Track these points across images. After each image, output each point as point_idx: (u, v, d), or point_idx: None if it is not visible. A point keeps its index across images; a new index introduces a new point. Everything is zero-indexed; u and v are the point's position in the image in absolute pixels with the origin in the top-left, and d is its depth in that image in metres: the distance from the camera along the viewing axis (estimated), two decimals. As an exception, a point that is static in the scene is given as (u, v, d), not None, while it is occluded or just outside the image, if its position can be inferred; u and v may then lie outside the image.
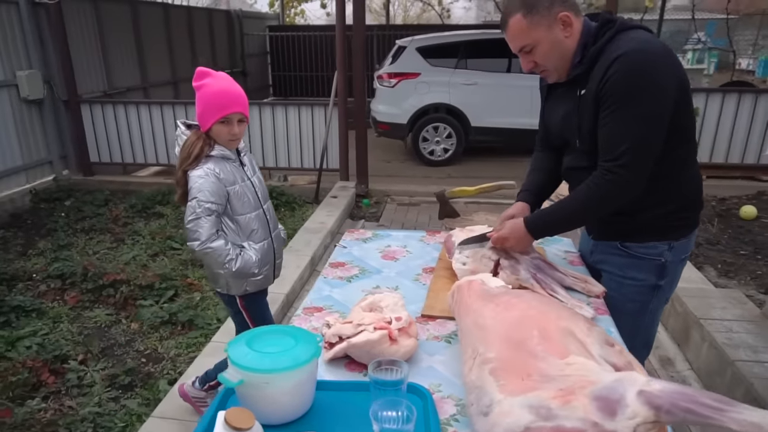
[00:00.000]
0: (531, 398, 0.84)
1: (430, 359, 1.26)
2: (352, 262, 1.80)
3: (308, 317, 1.45)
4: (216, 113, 1.79)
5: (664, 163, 1.43)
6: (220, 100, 1.79)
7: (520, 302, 1.09)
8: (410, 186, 5.58)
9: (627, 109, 1.35)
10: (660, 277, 1.54)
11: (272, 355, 0.99)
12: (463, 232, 1.72)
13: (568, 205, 1.50)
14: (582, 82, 1.45)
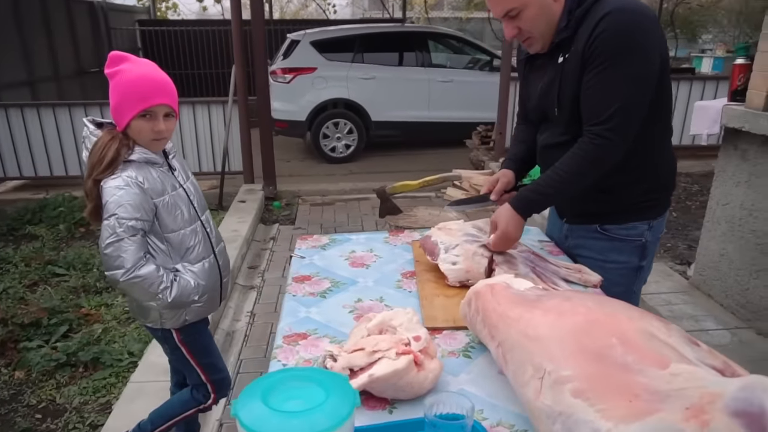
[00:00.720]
0: (655, 424, 0.69)
1: (456, 380, 1.07)
2: (318, 273, 1.56)
3: (293, 347, 1.19)
4: (135, 105, 1.44)
5: (646, 138, 1.40)
6: (140, 89, 1.44)
7: (574, 305, 0.94)
8: (320, 185, 5.33)
9: (616, 68, 1.29)
10: (642, 257, 1.51)
11: (304, 415, 0.75)
12: (442, 232, 1.55)
13: (555, 177, 1.40)
14: (565, 47, 1.38)
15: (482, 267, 1.42)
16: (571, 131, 1.42)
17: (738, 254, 2.36)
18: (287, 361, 1.13)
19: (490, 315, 1.06)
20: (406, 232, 1.87)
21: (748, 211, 2.30)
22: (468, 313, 1.16)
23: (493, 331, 1.03)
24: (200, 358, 1.66)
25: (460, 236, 1.50)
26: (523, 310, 1.00)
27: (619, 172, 1.41)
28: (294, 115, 6.57)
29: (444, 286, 1.44)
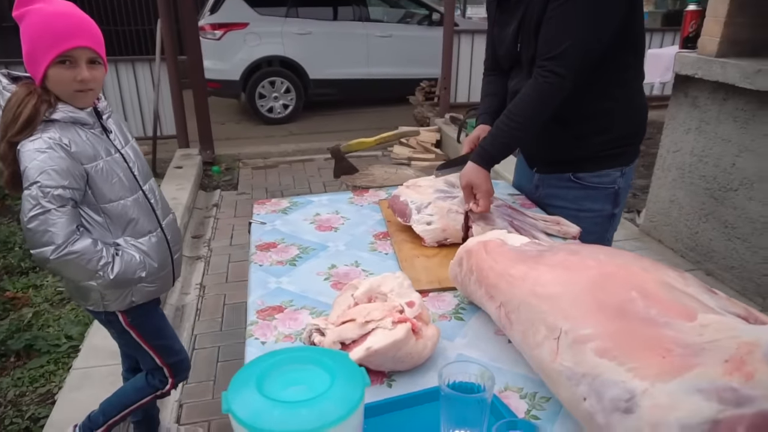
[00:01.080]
0: (696, 380, 0.65)
1: (452, 345, 1.00)
2: (284, 240, 1.43)
3: (269, 323, 1.07)
4: (50, 49, 1.20)
5: (621, 83, 1.37)
6: (55, 30, 1.20)
7: (583, 258, 0.88)
8: (261, 147, 5.08)
9: (576, 3, 1.24)
10: (615, 205, 1.50)
11: (311, 404, 0.64)
12: (411, 190, 1.46)
13: (510, 124, 1.33)
14: None
15: (459, 224, 1.35)
16: None
17: (688, 200, 2.44)
18: (266, 338, 1.02)
19: (487, 274, 0.99)
20: (371, 192, 1.76)
21: (698, 158, 2.37)
22: (459, 273, 1.09)
23: (492, 291, 0.96)
24: (153, 341, 1.51)
25: (431, 194, 1.41)
26: (527, 267, 0.93)
27: (593, 118, 1.37)
28: (226, 75, 6.17)
29: (422, 247, 1.36)
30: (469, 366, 0.76)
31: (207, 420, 1.91)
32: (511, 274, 0.94)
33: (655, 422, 0.65)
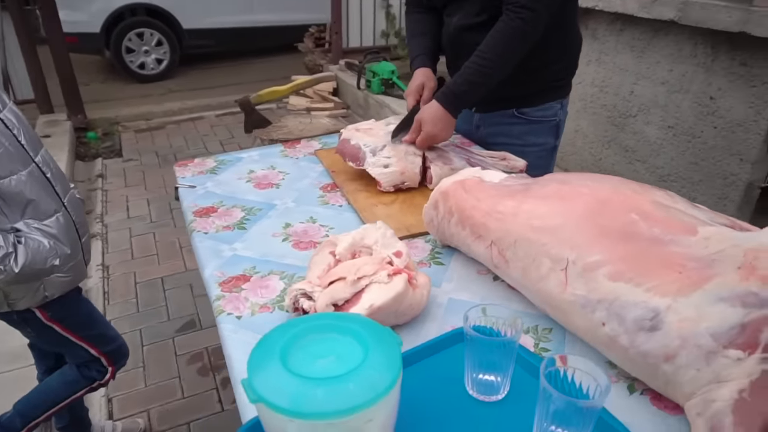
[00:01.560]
0: (717, 290, 0.67)
1: (442, 291, 0.97)
2: (223, 202, 1.29)
3: (238, 294, 0.96)
4: None
5: (563, 15, 1.36)
6: None
7: (575, 187, 0.87)
8: (141, 108, 4.58)
9: None
10: (557, 137, 1.53)
11: (356, 376, 0.57)
12: (362, 133, 1.37)
13: (483, 63, 1.26)
14: None
15: (417, 167, 1.30)
16: (489, 10, 1.30)
17: (591, 128, 2.60)
18: (240, 312, 0.91)
19: (471, 214, 0.95)
20: (303, 143, 1.64)
21: (599, 88, 2.51)
22: (435, 217, 1.04)
23: (480, 230, 0.93)
24: (84, 332, 1.31)
25: (383, 136, 1.34)
26: (515, 202, 0.90)
27: (540, 51, 1.35)
28: (84, 27, 5.40)
29: (377, 194, 1.29)
30: (492, 309, 0.73)
31: (145, 410, 1.75)
32: (499, 211, 0.91)
33: (685, 335, 0.66)
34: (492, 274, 1.00)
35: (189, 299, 2.27)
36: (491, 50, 1.26)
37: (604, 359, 0.80)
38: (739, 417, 0.60)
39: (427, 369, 0.78)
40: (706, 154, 2.10)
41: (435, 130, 1.29)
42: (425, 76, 1.39)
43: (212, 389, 1.81)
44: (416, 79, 1.40)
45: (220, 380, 1.84)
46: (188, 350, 1.99)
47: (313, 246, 1.11)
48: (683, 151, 2.19)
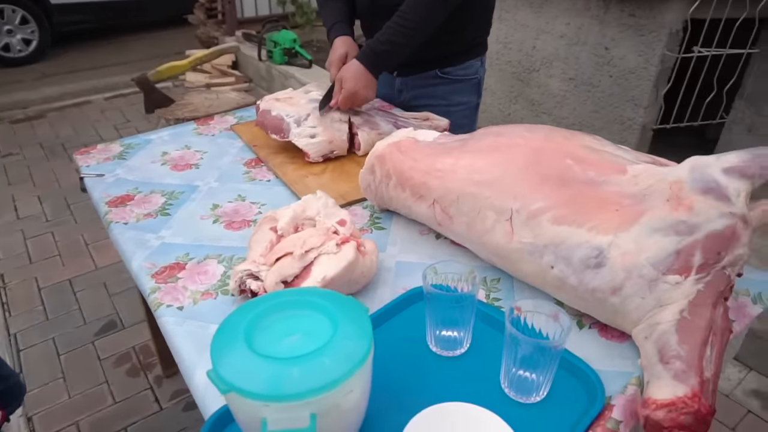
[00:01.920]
0: (652, 222, 0.71)
1: (388, 256, 0.96)
2: (139, 189, 1.19)
3: (174, 283, 0.89)
4: None
5: None
6: None
7: (510, 138, 0.89)
8: (14, 96, 4.10)
9: None
10: (479, 95, 1.56)
11: (327, 351, 0.55)
12: (283, 103, 1.31)
13: (405, 23, 1.24)
14: None
15: (344, 134, 1.26)
16: None
17: (499, 85, 2.68)
18: (180, 302, 0.85)
19: (410, 175, 0.95)
20: (217, 118, 1.54)
21: (503, 45, 2.58)
22: (372, 181, 1.03)
23: (421, 190, 0.93)
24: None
25: (305, 104, 1.29)
26: (453, 159, 0.91)
27: (461, 11, 1.33)
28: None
29: (306, 165, 1.25)
30: (447, 265, 0.73)
31: (72, 422, 1.61)
32: (438, 169, 0.91)
33: (628, 267, 0.71)
34: (434, 233, 1.01)
35: (104, 299, 2.10)
36: (413, 11, 1.23)
37: (553, 300, 0.83)
38: (682, 335, 0.66)
39: (388, 332, 0.78)
40: (604, 102, 2.25)
41: (356, 87, 1.25)
42: (347, 45, 1.34)
43: (146, 389, 1.70)
44: (338, 48, 1.34)
45: (153, 378, 1.74)
46: (112, 352, 1.85)
47: (247, 225, 1.05)
48: (584, 101, 2.33)
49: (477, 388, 0.69)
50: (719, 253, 0.69)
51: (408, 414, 0.61)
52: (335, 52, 1.33)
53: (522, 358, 0.64)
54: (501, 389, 0.69)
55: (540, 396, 0.67)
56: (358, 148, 1.27)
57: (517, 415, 0.65)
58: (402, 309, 0.82)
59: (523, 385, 0.66)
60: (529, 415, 0.65)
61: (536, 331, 0.68)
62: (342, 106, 1.26)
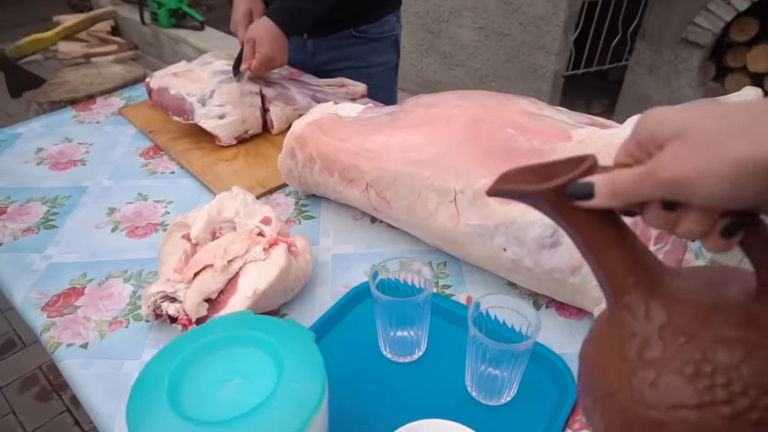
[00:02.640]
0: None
1: (322, 249, 0.87)
2: (12, 198, 0.99)
3: (73, 315, 0.75)
4: None
5: None
6: None
7: (443, 109, 0.81)
8: None
9: None
10: (397, 53, 1.46)
11: (275, 401, 0.46)
12: (182, 79, 1.13)
13: None
14: None
15: (257, 109, 1.12)
16: None
17: (409, 38, 2.57)
18: (85, 338, 0.71)
19: (337, 158, 0.84)
20: (99, 101, 1.33)
21: (409, -5, 2.47)
22: (294, 167, 0.91)
23: (351, 173, 0.83)
24: None
25: (209, 78, 1.12)
26: (385, 136, 0.81)
27: None
28: None
29: (214, 149, 1.10)
30: (396, 262, 0.66)
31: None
32: (369, 149, 0.82)
33: (586, 244, 0.66)
34: (369, 216, 0.93)
35: (-4, 315, 1.84)
36: None
37: (505, 281, 0.79)
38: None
39: (335, 341, 0.70)
40: (516, 50, 2.22)
41: (272, 50, 1.11)
42: (250, 1, 1.18)
43: (62, 412, 1.52)
44: (239, 5, 1.18)
45: (68, 399, 1.56)
46: (15, 376, 1.63)
47: (153, 230, 0.91)
48: (496, 51, 2.30)
49: (442, 396, 0.63)
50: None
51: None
52: (237, 10, 1.17)
53: (489, 359, 0.58)
54: (467, 393, 0.63)
55: (510, 396, 0.62)
56: (271, 126, 1.14)
57: (487, 419, 0.60)
58: (347, 311, 0.74)
59: (491, 387, 0.61)
60: (500, 419, 0.61)
61: (500, 323, 0.62)
62: (255, 71, 1.11)
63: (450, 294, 0.77)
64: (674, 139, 0.29)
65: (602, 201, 0.32)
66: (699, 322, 0.30)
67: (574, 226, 0.35)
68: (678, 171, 0.28)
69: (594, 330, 0.37)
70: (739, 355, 0.28)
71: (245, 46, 1.10)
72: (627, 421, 0.31)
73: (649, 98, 2.24)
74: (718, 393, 0.28)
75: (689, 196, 0.28)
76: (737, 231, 0.29)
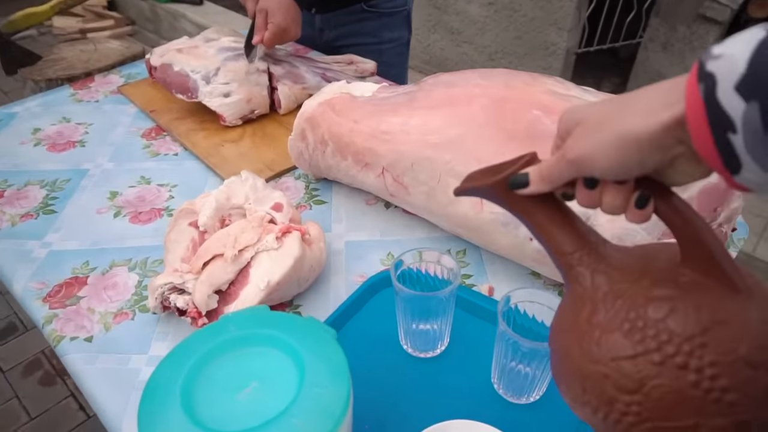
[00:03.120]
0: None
1: (335, 236, 0.83)
2: (9, 181, 0.95)
3: (75, 306, 0.71)
4: None
5: None
6: None
7: (464, 88, 0.76)
8: None
9: None
10: (409, 29, 1.41)
11: (296, 408, 0.42)
12: (186, 55, 1.08)
13: None
14: None
15: (264, 88, 1.07)
16: None
17: (415, 14, 2.48)
18: (89, 331, 0.68)
19: (350, 140, 0.80)
20: (97, 79, 1.28)
21: (416, -32, 2.38)
22: (305, 150, 0.87)
23: (366, 157, 0.79)
24: None
25: (214, 55, 1.07)
26: (402, 117, 0.77)
27: None
28: None
29: (219, 130, 1.06)
30: (417, 254, 0.62)
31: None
32: (385, 131, 0.77)
33: (619, 234, 0.62)
34: (383, 201, 0.89)
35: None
36: None
37: (528, 271, 0.75)
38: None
39: (352, 336, 0.66)
40: (527, 27, 2.15)
41: (286, 21, 1.05)
42: None
43: (66, 397, 1.50)
44: None
45: (72, 385, 1.54)
46: (18, 360, 1.61)
47: (157, 215, 0.87)
48: (506, 27, 2.22)
49: (467, 394, 0.60)
50: (715, 210, 0.62)
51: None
52: None
53: (520, 357, 0.55)
54: (493, 390, 0.60)
55: (539, 394, 0.59)
56: (278, 106, 1.09)
57: (515, 419, 0.57)
58: (364, 303, 0.71)
59: (520, 385, 0.58)
60: (528, 418, 0.58)
61: (529, 317, 0.59)
62: (268, 44, 1.05)
63: (471, 284, 0.74)
64: (576, 126, 0.35)
65: (535, 187, 0.38)
66: (633, 286, 0.35)
67: (524, 213, 0.40)
68: (578, 150, 0.34)
69: (560, 303, 0.41)
70: (664, 310, 0.32)
71: (257, 17, 1.05)
72: (580, 378, 0.35)
73: (662, 76, 2.18)
74: (649, 343, 0.32)
75: (591, 170, 0.34)
76: (647, 201, 0.34)
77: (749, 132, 0.26)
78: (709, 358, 0.31)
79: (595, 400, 0.34)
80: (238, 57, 1.05)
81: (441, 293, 0.58)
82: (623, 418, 0.33)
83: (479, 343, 0.65)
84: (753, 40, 0.26)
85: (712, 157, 0.28)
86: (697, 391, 0.31)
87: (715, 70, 0.27)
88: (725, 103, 0.26)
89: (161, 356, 0.64)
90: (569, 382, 0.37)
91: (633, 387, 0.32)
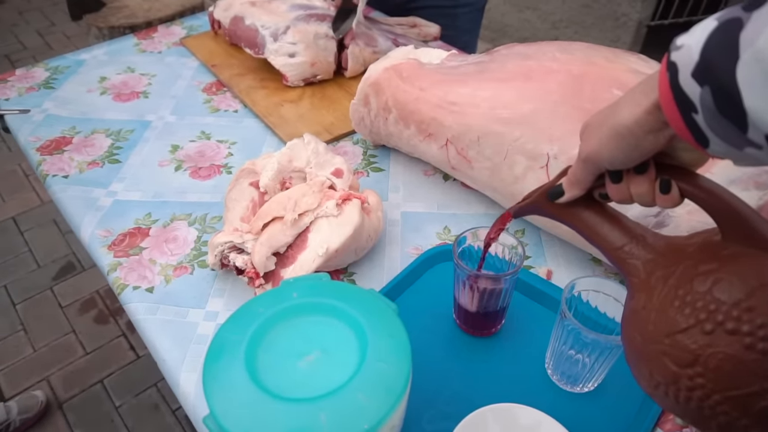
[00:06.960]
0: (725, 172, 0.59)
1: (391, 205, 0.82)
2: (77, 128, 0.98)
3: (137, 257, 0.74)
4: None
5: None
6: None
7: (540, 61, 0.72)
8: None
9: None
10: None
11: (359, 381, 0.42)
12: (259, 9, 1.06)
13: None
14: None
15: (331, 54, 1.05)
16: None
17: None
18: (151, 282, 0.70)
19: (415, 108, 0.78)
20: (160, 30, 1.29)
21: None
22: (367, 115, 0.85)
23: (430, 127, 0.77)
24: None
25: (286, 12, 1.05)
26: (470, 88, 0.74)
27: None
28: None
29: (280, 89, 1.05)
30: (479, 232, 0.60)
31: (42, 378, 1.49)
32: (453, 102, 0.75)
33: (698, 227, 0.59)
34: (441, 172, 0.87)
35: (57, 238, 1.90)
36: None
37: (588, 256, 0.73)
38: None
39: (405, 309, 0.65)
40: (597, -6, 2.03)
41: None
42: None
43: (118, 336, 1.59)
44: None
45: (124, 324, 1.62)
46: (75, 298, 1.70)
47: (217, 172, 0.88)
48: (574, -6, 2.11)
49: (519, 378, 0.59)
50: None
51: (447, 421, 0.51)
52: None
53: (579, 346, 0.54)
54: (546, 376, 0.59)
55: (595, 384, 0.57)
56: (345, 67, 1.07)
57: (567, 407, 0.56)
58: (418, 276, 0.70)
59: (576, 374, 0.56)
60: (581, 408, 0.56)
61: (592, 307, 0.57)
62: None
63: (528, 266, 0.72)
64: (584, 131, 0.39)
65: (569, 193, 0.42)
66: (680, 267, 0.36)
67: (571, 220, 0.44)
68: (587, 150, 0.38)
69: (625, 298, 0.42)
70: (709, 281, 0.34)
71: None
72: (646, 361, 0.37)
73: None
74: (699, 314, 0.33)
75: (601, 163, 0.38)
76: (669, 185, 0.36)
77: (707, 112, 0.29)
78: (759, 320, 0.31)
79: (662, 380, 0.36)
80: (310, 18, 1.03)
81: (504, 275, 0.56)
82: (692, 393, 0.34)
83: (534, 327, 0.63)
84: (706, 30, 0.28)
85: (685, 134, 0.31)
86: (753, 354, 0.31)
87: (677, 59, 0.30)
88: (686, 88, 0.29)
89: (218, 312, 0.66)
90: (639, 369, 0.38)
91: (690, 359, 0.33)
